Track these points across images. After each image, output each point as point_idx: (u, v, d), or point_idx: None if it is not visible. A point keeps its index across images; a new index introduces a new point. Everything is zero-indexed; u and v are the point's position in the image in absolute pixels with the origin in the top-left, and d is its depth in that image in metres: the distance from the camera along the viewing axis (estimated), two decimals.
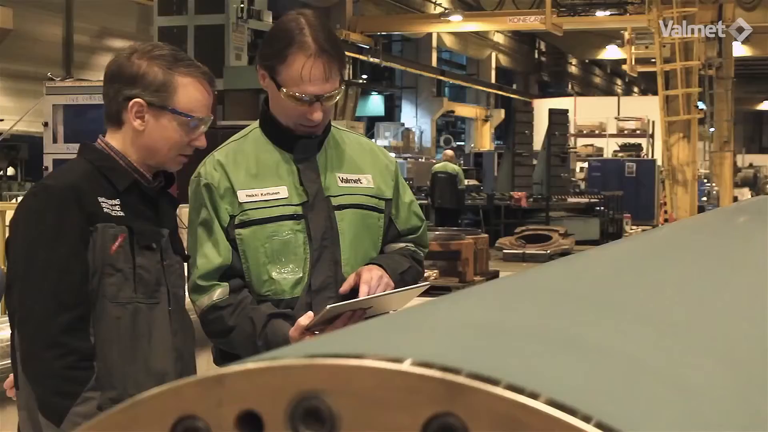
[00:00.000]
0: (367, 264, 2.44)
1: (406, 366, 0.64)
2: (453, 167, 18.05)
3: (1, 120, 17.56)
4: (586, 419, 0.61)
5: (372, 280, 2.34)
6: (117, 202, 2.22)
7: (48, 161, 7.03)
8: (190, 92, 2.28)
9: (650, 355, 0.78)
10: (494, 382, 0.62)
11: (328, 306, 2.19)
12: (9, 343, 4.28)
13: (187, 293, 2.45)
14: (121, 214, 2.22)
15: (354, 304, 2.25)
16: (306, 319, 2.26)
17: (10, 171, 18.87)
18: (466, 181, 21.33)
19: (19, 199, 10.39)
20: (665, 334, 0.88)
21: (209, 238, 2.41)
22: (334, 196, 2.46)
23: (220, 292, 2.39)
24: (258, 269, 2.40)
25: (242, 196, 2.41)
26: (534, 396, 0.62)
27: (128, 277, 2.21)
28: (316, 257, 2.41)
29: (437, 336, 0.75)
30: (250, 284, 2.42)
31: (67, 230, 2.15)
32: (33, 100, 15.30)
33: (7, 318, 4.75)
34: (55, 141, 7.03)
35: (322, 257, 2.42)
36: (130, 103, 2.26)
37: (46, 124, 7.00)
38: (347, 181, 2.49)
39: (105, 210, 2.20)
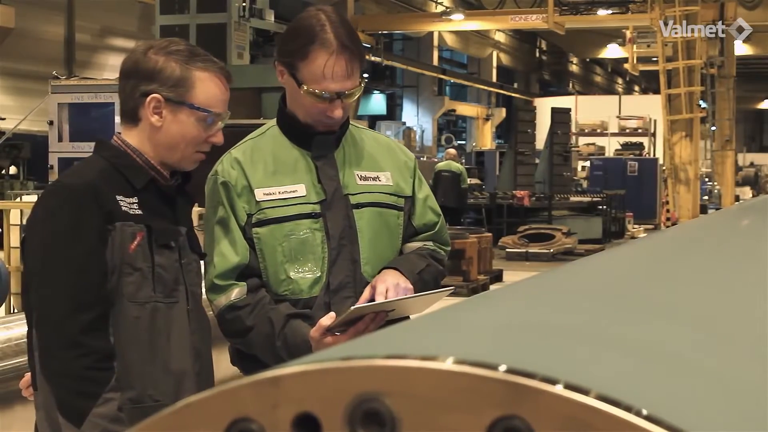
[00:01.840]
0: (383, 268, 2.41)
1: (470, 368, 0.62)
2: (457, 166, 18.02)
3: (3, 119, 17.55)
4: (657, 422, 0.60)
5: (389, 291, 2.29)
6: (135, 200, 2.19)
7: (53, 160, 7.01)
8: (207, 87, 2.25)
9: (706, 357, 0.77)
10: (563, 384, 0.61)
11: (352, 307, 2.16)
12: (16, 342, 4.30)
13: (203, 292, 2.43)
14: (139, 212, 2.19)
15: (377, 306, 2.22)
16: (328, 319, 2.23)
17: (12, 170, 18.83)
18: (468, 180, 21.38)
19: (24, 198, 10.38)
20: (716, 335, 0.87)
21: (226, 237, 2.38)
22: (353, 195, 2.43)
23: (237, 292, 2.37)
24: (275, 268, 2.37)
25: (260, 194, 2.38)
26: (602, 398, 0.61)
27: (147, 276, 2.18)
28: (334, 256, 2.38)
29: (495, 337, 0.73)
30: (268, 284, 2.39)
31: (84, 229, 2.13)
32: (35, 98, 15.28)
33: (13, 317, 4.76)
34: (60, 139, 7.01)
35: (341, 256, 2.39)
36: (148, 98, 2.23)
37: (51, 123, 6.98)
38: (365, 178, 2.46)
39: (123, 208, 2.17)
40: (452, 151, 19.28)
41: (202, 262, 2.41)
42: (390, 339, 0.75)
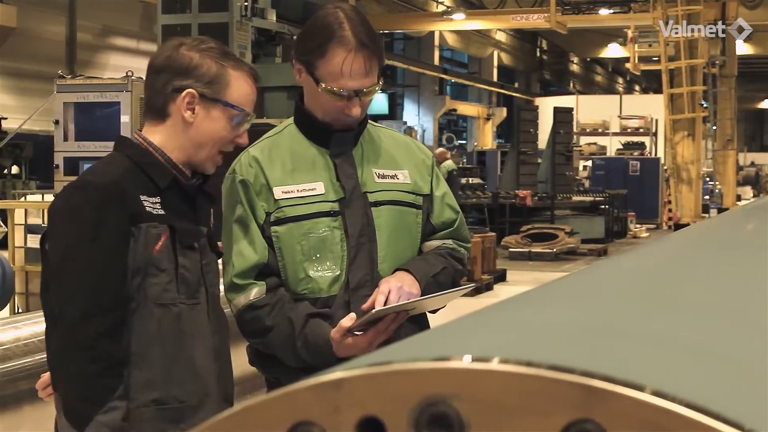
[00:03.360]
0: (398, 268, 2.39)
1: (543, 370, 0.61)
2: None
3: (5, 118, 17.53)
4: (735, 425, 0.58)
5: (391, 293, 2.26)
6: (157, 200, 2.16)
7: (59, 159, 6.96)
8: (241, 86, 2.23)
9: None
10: (638, 388, 0.60)
11: (374, 309, 2.15)
12: (24, 342, 4.26)
13: (221, 292, 2.41)
14: (162, 212, 2.16)
15: (398, 307, 2.21)
16: (348, 320, 2.22)
17: (15, 169, 18.81)
18: (469, 180, 21.51)
19: (29, 197, 10.35)
20: None
21: (245, 236, 2.35)
22: (371, 192, 2.41)
23: (256, 292, 2.34)
24: (294, 267, 2.35)
25: (278, 192, 2.35)
26: (679, 401, 0.59)
27: (171, 278, 2.16)
28: (353, 254, 2.36)
29: (558, 338, 0.72)
30: (286, 282, 2.37)
31: (107, 229, 2.09)
32: (36, 98, 15.27)
33: (20, 317, 4.73)
34: (65, 139, 6.97)
35: (360, 254, 2.36)
36: (182, 93, 2.19)
37: (57, 122, 6.93)
38: (384, 176, 2.44)
39: (147, 209, 2.14)
40: (446, 150, 19.61)
41: (220, 262, 2.39)
42: (452, 340, 0.73)
